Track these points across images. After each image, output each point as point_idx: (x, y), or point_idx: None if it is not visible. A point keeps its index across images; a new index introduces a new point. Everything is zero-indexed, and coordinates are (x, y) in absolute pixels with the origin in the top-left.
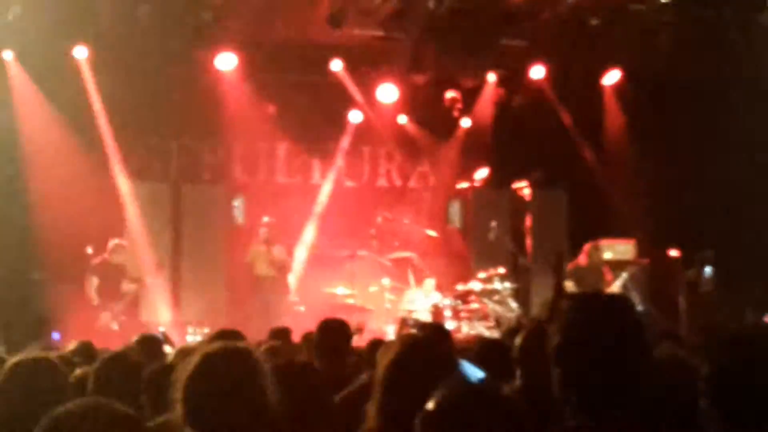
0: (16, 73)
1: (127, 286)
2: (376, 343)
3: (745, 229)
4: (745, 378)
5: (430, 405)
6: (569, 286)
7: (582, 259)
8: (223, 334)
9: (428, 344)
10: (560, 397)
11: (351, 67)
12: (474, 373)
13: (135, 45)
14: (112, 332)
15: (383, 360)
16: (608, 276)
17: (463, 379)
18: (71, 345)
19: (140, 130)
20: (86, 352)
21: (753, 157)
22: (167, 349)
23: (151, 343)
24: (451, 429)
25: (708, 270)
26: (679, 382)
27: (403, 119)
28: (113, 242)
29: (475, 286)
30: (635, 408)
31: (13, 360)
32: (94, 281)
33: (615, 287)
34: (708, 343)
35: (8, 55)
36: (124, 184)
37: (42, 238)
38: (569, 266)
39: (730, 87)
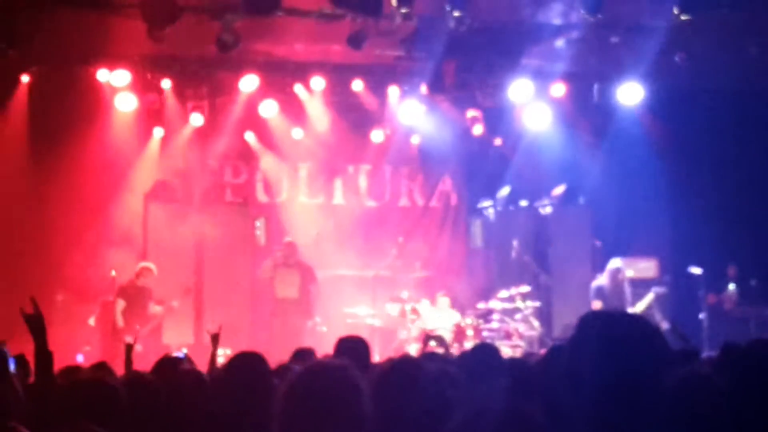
0: None
1: (153, 309)
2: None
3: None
4: (764, 393)
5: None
6: (596, 305)
7: (605, 278)
8: (243, 356)
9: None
10: (575, 415)
11: (372, 86)
12: None
13: None
14: (135, 354)
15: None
16: (631, 297)
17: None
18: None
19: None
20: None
21: None
22: None
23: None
24: None
25: (732, 287)
26: (699, 400)
27: (418, 139)
28: (141, 265)
29: (497, 305)
30: (651, 427)
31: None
32: (120, 304)
33: (639, 306)
34: (727, 360)
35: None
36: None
37: (66, 260)
38: (592, 284)
39: (753, 101)
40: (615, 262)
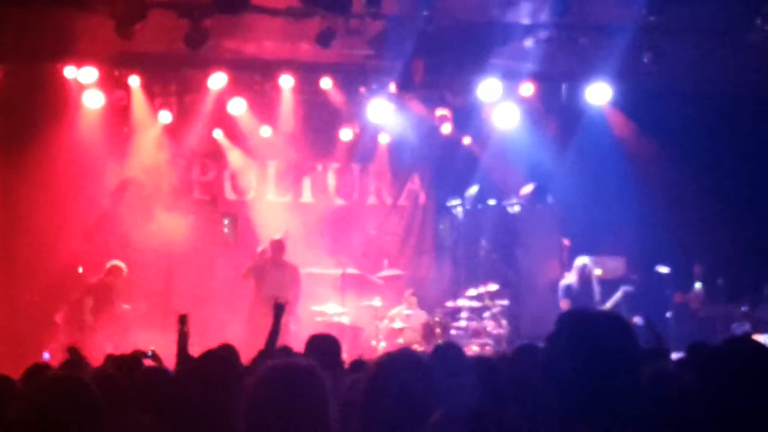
0: None
1: (121, 308)
2: (359, 363)
3: (734, 244)
4: (732, 392)
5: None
6: (564, 303)
7: (572, 276)
8: (215, 352)
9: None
10: (551, 413)
11: (341, 85)
12: None
13: None
14: (104, 353)
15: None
16: (599, 295)
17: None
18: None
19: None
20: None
21: (742, 171)
22: None
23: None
24: None
25: (698, 286)
26: (666, 398)
27: (387, 137)
28: (110, 263)
29: (465, 303)
30: (626, 423)
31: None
32: (89, 301)
33: (608, 304)
34: (694, 359)
35: None
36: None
37: (33, 257)
38: (561, 283)
39: (721, 101)
40: (582, 259)
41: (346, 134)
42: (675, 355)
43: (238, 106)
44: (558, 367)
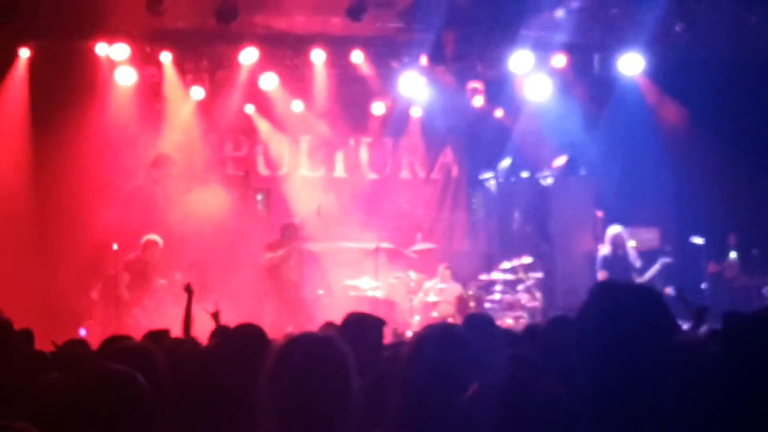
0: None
1: (158, 282)
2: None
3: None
4: (763, 361)
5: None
6: (601, 275)
7: (607, 247)
8: (244, 328)
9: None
10: (584, 384)
11: (372, 58)
12: None
13: None
14: (141, 328)
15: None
16: (637, 263)
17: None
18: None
19: None
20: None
21: None
22: None
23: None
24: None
25: (733, 256)
26: (695, 369)
27: (419, 111)
28: (146, 238)
29: (499, 276)
30: (658, 393)
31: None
32: (125, 277)
33: (646, 276)
34: (728, 329)
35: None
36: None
37: (68, 234)
38: (598, 255)
39: (753, 70)
40: (614, 228)
41: (377, 108)
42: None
43: (269, 82)
44: (589, 339)
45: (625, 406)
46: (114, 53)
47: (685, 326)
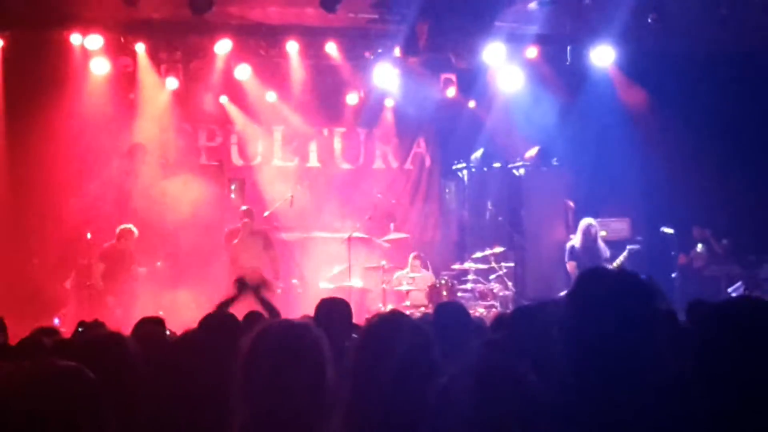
0: None
1: (135, 271)
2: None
3: (739, 204)
4: (730, 350)
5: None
6: (570, 265)
7: (577, 238)
8: (216, 316)
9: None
10: (564, 366)
11: (346, 49)
12: None
13: None
14: (115, 317)
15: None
16: (606, 253)
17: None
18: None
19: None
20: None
21: (747, 131)
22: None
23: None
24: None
25: (699, 248)
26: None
27: (392, 102)
28: (121, 227)
29: (471, 265)
30: (647, 381)
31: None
32: (100, 266)
33: (614, 264)
34: (692, 317)
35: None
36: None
37: (41, 223)
38: (567, 245)
39: (724, 62)
40: (586, 221)
41: (351, 99)
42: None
43: (244, 72)
44: (577, 325)
45: (609, 394)
46: (88, 43)
47: None
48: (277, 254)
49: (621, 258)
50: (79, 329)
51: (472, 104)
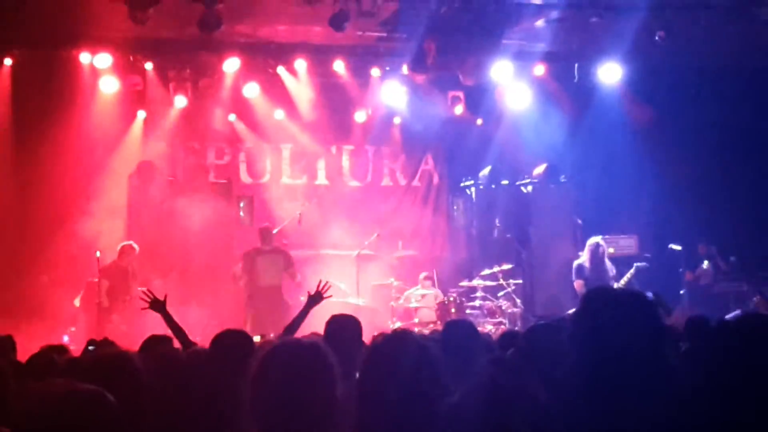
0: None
1: (136, 289)
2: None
3: (747, 222)
4: (737, 365)
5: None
6: (577, 284)
7: (585, 256)
8: (228, 334)
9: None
10: (573, 385)
11: (354, 67)
12: None
13: None
14: (121, 333)
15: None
16: (612, 271)
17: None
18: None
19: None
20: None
21: (755, 149)
22: None
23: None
24: None
25: (705, 265)
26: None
27: (400, 119)
28: (122, 244)
29: (480, 282)
30: (654, 400)
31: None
32: (104, 284)
33: (621, 282)
34: (692, 333)
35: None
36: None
37: (51, 241)
38: (574, 263)
39: (732, 79)
40: (594, 239)
41: (359, 116)
42: None
43: (252, 90)
44: (583, 344)
45: (617, 411)
46: (97, 62)
47: None
48: (296, 271)
49: (628, 275)
50: (89, 347)
51: (479, 121)
